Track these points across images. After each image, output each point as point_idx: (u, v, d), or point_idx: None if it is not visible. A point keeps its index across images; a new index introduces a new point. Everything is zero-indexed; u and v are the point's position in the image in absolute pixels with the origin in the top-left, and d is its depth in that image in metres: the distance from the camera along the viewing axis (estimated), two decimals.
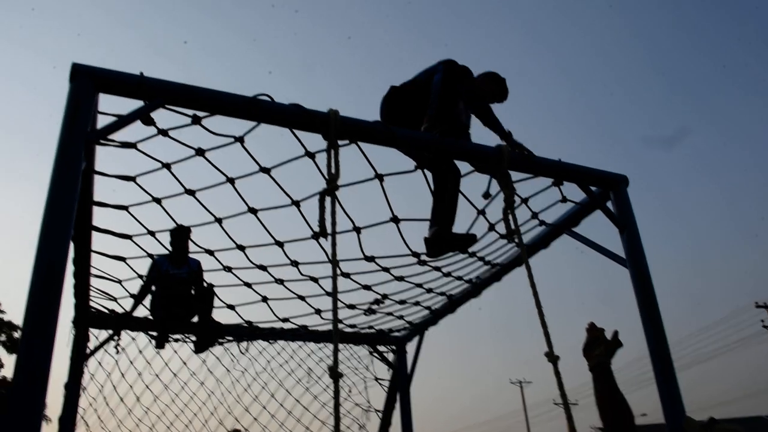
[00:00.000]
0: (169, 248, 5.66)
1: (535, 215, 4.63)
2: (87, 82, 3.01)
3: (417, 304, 5.88)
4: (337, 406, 2.74)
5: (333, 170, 3.37)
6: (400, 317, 6.31)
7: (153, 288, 5.94)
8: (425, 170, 4.14)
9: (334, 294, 3.02)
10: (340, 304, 5.36)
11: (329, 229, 3.25)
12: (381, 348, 7.22)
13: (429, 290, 5.50)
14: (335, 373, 2.75)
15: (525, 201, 4.43)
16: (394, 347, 7.27)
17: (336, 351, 2.86)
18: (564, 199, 4.55)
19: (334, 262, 3.10)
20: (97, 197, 3.92)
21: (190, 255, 5.99)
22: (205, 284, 5.85)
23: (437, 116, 4.03)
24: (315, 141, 3.65)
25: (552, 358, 3.18)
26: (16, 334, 25.42)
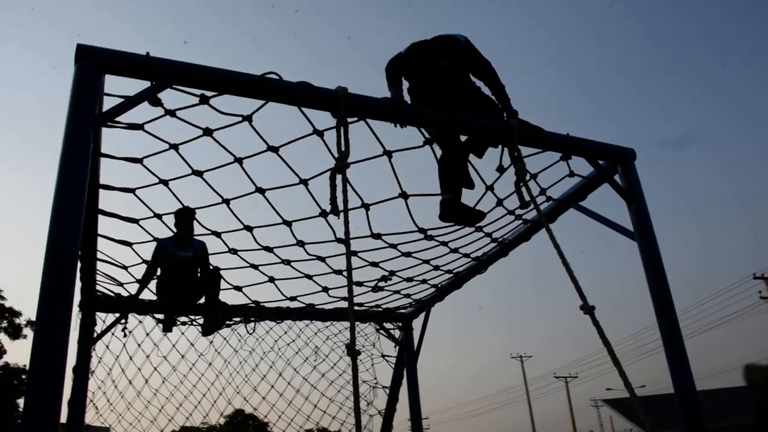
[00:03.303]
0: (174, 230, 5.65)
1: (543, 191, 4.63)
2: (92, 64, 2.97)
3: (424, 281, 5.89)
4: (356, 382, 2.75)
5: (343, 148, 3.35)
6: (407, 295, 6.32)
7: (158, 271, 5.92)
8: (433, 145, 4.12)
9: (348, 271, 3.01)
10: (346, 282, 5.38)
11: (340, 207, 3.24)
12: (387, 325, 7.23)
13: (436, 267, 5.50)
14: (353, 351, 2.75)
15: (534, 176, 4.41)
16: (400, 324, 7.29)
17: (353, 328, 2.86)
18: (571, 174, 4.54)
19: (347, 239, 3.09)
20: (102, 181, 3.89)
21: (195, 237, 5.97)
22: (211, 267, 5.83)
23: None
24: (323, 121, 3.63)
25: (587, 309, 3.23)
26: (18, 320, 25.52)
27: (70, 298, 2.61)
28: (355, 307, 6.49)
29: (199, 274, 6.05)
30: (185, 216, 5.65)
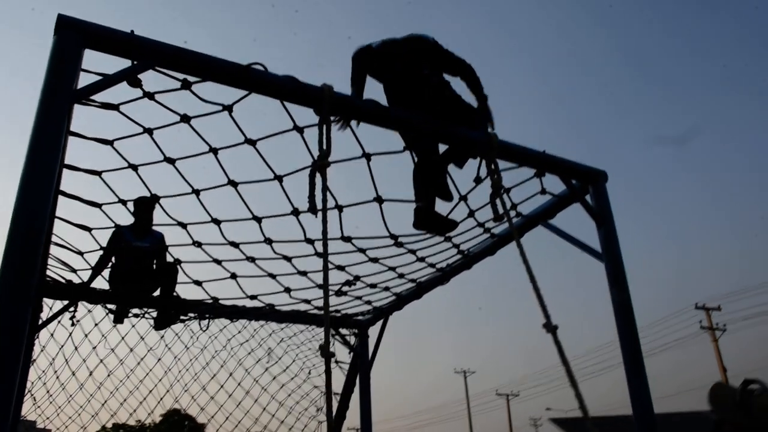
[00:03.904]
0: (133, 218, 5.48)
1: (514, 206, 4.64)
2: (73, 36, 2.84)
3: (387, 289, 5.84)
4: (328, 384, 2.67)
5: (324, 146, 3.28)
6: (368, 302, 6.27)
7: (113, 259, 5.72)
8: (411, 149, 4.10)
9: (324, 272, 2.93)
10: (309, 284, 5.30)
11: (318, 206, 3.17)
12: (343, 331, 7.16)
13: (401, 275, 5.46)
14: (327, 353, 2.68)
15: (507, 191, 4.42)
16: (356, 331, 7.22)
17: (327, 330, 2.79)
18: (543, 191, 4.57)
19: (324, 240, 3.01)
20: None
21: (155, 227, 5.79)
22: (170, 258, 5.65)
23: None
24: (304, 118, 3.56)
25: (550, 328, 3.21)
26: None
27: (31, 284, 2.48)
28: (314, 311, 6.42)
29: (155, 266, 5.87)
30: (146, 205, 5.49)
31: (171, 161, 3.77)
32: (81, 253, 4.99)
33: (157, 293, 5.76)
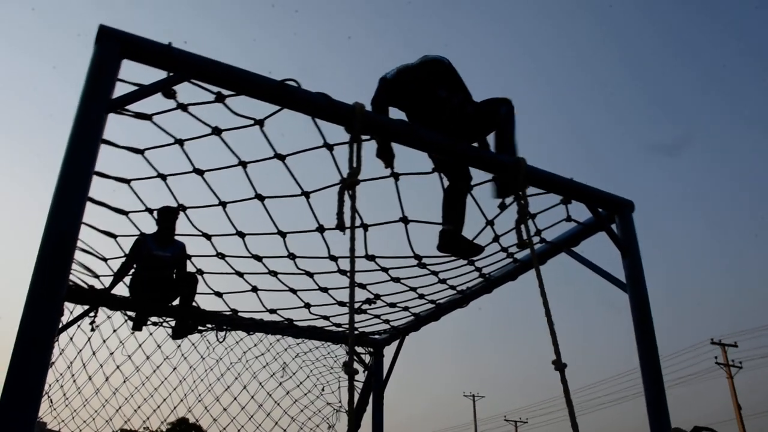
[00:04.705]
0: (156, 227, 5.52)
1: (538, 232, 4.62)
2: (113, 46, 2.88)
3: (406, 309, 5.81)
4: (351, 402, 2.66)
5: (354, 164, 3.30)
6: (386, 321, 6.24)
7: (134, 267, 5.76)
8: (441, 172, 4.10)
9: (351, 288, 2.93)
10: (329, 300, 5.30)
11: (347, 223, 3.18)
12: (359, 349, 7.14)
13: (421, 296, 5.43)
14: (350, 369, 2.68)
15: (533, 217, 4.40)
16: (371, 349, 7.20)
17: (352, 346, 2.78)
18: (568, 218, 4.54)
19: (352, 257, 3.01)
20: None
21: (177, 237, 5.83)
22: (191, 268, 5.68)
23: None
24: (331, 132, 3.58)
25: (559, 365, 3.17)
26: None
27: (62, 289, 2.51)
28: (332, 328, 6.41)
29: (175, 276, 5.90)
30: (169, 215, 5.53)
31: (200, 172, 3.80)
32: (105, 260, 5.03)
33: (176, 302, 5.79)
